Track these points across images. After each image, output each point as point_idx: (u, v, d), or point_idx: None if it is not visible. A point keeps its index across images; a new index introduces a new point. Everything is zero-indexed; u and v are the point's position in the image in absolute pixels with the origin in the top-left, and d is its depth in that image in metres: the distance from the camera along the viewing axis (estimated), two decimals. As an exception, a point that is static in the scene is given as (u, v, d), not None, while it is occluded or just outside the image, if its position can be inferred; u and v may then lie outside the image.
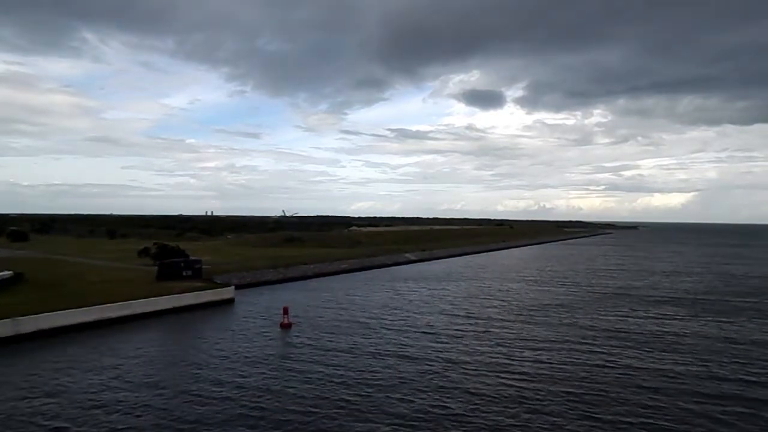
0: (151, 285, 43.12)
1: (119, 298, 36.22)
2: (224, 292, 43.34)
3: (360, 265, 72.96)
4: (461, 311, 39.99)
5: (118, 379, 23.25)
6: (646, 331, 33.65)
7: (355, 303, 43.37)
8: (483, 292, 50.24)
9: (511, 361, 26.28)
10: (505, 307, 42.41)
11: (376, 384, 22.62)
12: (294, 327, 34.39)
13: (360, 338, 31.01)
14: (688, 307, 43.11)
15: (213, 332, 33.24)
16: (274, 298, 45.63)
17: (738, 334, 33.13)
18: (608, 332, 33.27)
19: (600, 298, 47.59)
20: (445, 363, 25.84)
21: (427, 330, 33.45)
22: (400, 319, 36.89)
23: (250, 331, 33.16)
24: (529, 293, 50.25)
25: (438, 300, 45.51)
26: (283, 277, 58.93)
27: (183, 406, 19.97)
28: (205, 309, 40.43)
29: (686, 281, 61.15)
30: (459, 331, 33.42)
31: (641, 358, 27.14)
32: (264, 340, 30.68)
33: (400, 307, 41.43)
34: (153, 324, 35.22)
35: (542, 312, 40.11)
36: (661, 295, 49.96)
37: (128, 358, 26.52)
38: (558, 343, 30.33)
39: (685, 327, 35.16)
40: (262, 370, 24.61)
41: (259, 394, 21.27)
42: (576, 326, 35.06)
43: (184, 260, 48.00)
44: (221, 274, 53.13)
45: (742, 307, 43.00)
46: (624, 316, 38.75)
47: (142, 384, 22.60)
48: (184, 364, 25.57)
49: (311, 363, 25.86)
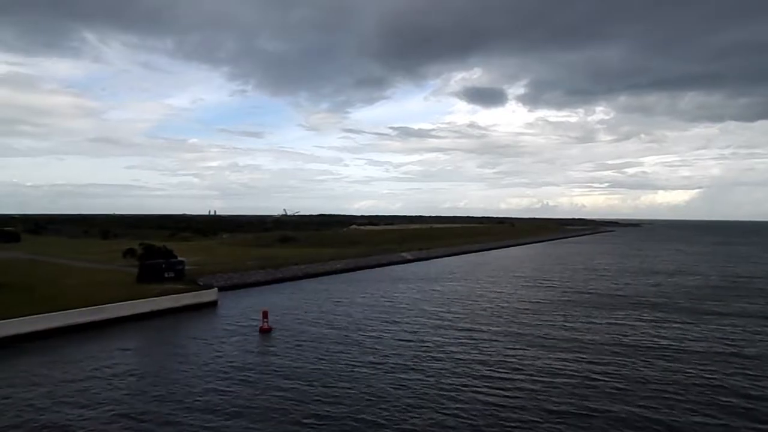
0: (131, 287, 41.59)
1: (95, 302, 34.62)
2: (206, 294, 41.72)
3: (354, 265, 71.29)
4: (445, 317, 37.77)
5: (49, 397, 20.88)
6: (633, 340, 31.89)
7: (340, 306, 41.62)
8: (471, 295, 48.10)
9: (494, 373, 24.58)
10: (491, 311, 40.61)
11: (345, 399, 20.96)
12: (274, 331, 32.82)
13: (338, 346, 29.06)
14: (679, 311, 41.32)
15: (187, 339, 31.57)
16: (259, 301, 44.00)
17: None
18: (588, 339, 31.54)
19: (586, 301, 45.85)
20: (420, 374, 23.96)
21: (405, 338, 31.31)
22: (382, 324, 35.13)
23: (227, 337, 31.50)
24: (518, 296, 48.38)
25: (424, 302, 43.61)
26: (273, 278, 57.30)
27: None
28: (185, 312, 38.79)
29: (683, 282, 59.33)
30: (440, 339, 31.52)
31: (609, 364, 25.43)
32: (240, 348, 28.96)
33: (383, 311, 39.57)
34: (126, 329, 33.50)
35: (529, 317, 38.31)
36: (652, 298, 48.16)
37: (81, 372, 24.45)
38: (543, 350, 28.60)
39: (682, 334, 33.40)
40: (232, 385, 22.84)
41: (225, 417, 19.55)
42: (563, 332, 33.35)
43: (166, 261, 46.40)
44: (207, 276, 51.57)
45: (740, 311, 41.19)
46: (609, 322, 36.99)
47: (79, 404, 20.29)
48: (143, 379, 23.60)
49: (280, 376, 24.18)
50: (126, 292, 39.26)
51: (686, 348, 28.83)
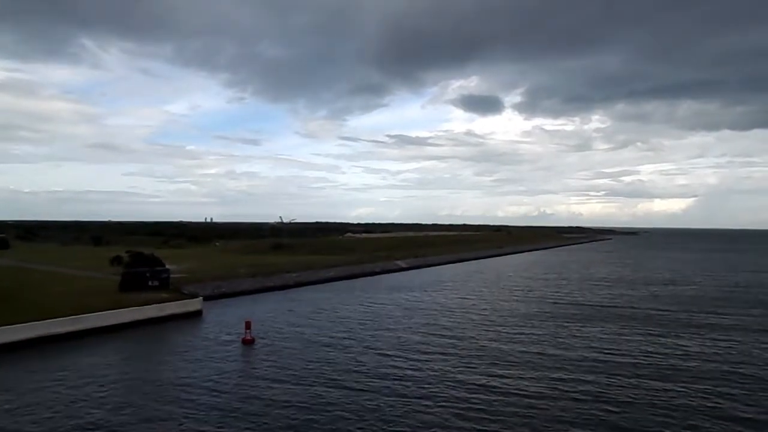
0: (113, 296, 40.47)
1: (74, 311, 33.53)
2: (190, 303, 40.64)
3: (347, 273, 70.25)
4: (431, 329, 36.29)
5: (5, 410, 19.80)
6: (624, 357, 30.90)
7: (327, 316, 40.37)
8: (461, 306, 46.75)
9: (476, 395, 23.53)
10: (479, 324, 39.48)
11: (316, 420, 19.91)
12: (256, 342, 31.77)
13: (315, 363, 27.31)
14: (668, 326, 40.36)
15: (163, 351, 30.56)
16: (246, 310, 42.87)
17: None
18: (577, 356, 30.55)
19: (577, 314, 44.90)
20: (394, 397, 22.32)
21: (388, 354, 29.58)
22: (369, 336, 33.98)
23: (208, 349, 30.39)
24: (508, 308, 47.22)
25: (413, 313, 42.46)
26: (262, 287, 56.24)
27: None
28: (167, 322, 37.69)
29: (679, 292, 58.44)
30: (421, 356, 30.33)
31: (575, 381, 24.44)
32: (220, 360, 27.83)
33: (371, 323, 38.13)
34: (102, 340, 32.28)
35: (517, 331, 37.28)
36: (647, 310, 47.24)
37: (47, 383, 23.42)
38: (528, 369, 27.57)
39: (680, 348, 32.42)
40: (208, 398, 21.84)
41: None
42: (552, 349, 32.35)
43: (150, 270, 45.31)
44: (194, 284, 50.49)
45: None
46: (600, 337, 36.00)
47: (39, 416, 19.24)
48: (108, 392, 22.54)
49: (256, 395, 23.13)
50: (107, 301, 38.13)
51: (685, 366, 27.85)
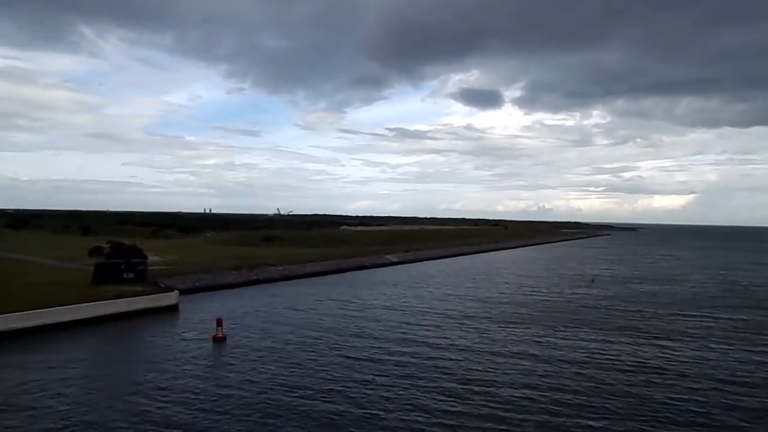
0: (85, 289, 38.89)
1: (35, 305, 31.89)
2: (166, 297, 39.02)
3: (336, 267, 68.66)
4: (409, 329, 34.64)
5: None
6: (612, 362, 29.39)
7: (305, 314, 38.48)
8: (445, 303, 45.63)
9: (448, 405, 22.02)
10: (462, 324, 38.03)
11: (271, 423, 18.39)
12: (228, 339, 30.24)
13: (282, 364, 25.95)
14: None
15: (127, 349, 29.00)
16: (225, 305, 41.39)
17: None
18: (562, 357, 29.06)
19: (568, 316, 43.41)
20: (354, 407, 20.88)
21: (363, 357, 28.59)
22: (341, 339, 32.31)
23: (174, 347, 28.81)
24: (498, 308, 45.89)
25: (394, 312, 40.89)
26: (246, 280, 54.63)
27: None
28: (139, 317, 36.06)
29: (675, 290, 56.98)
30: (399, 357, 29.00)
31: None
32: (183, 360, 26.18)
33: (348, 323, 35.99)
34: (66, 336, 30.61)
35: (502, 334, 35.88)
36: (643, 310, 45.76)
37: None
38: (510, 376, 26.10)
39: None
40: (159, 406, 20.32)
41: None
42: (536, 351, 30.84)
43: (125, 261, 43.67)
44: (174, 276, 48.87)
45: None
46: (591, 341, 34.50)
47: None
48: (55, 395, 21.07)
49: (212, 400, 21.61)
50: (77, 293, 36.54)
51: (681, 370, 26.36)
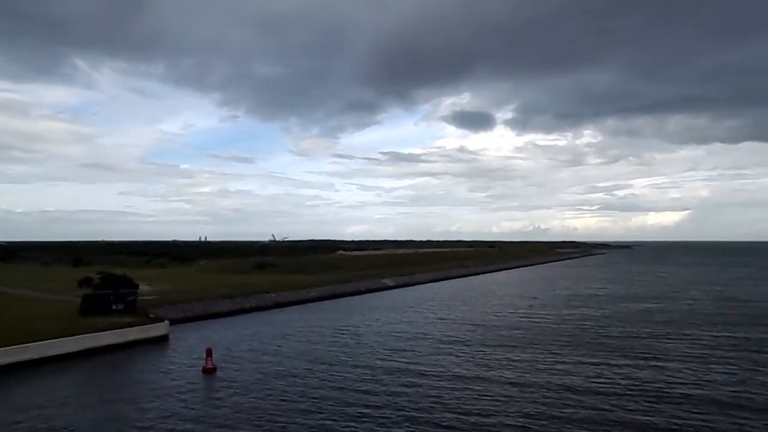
0: (72, 321, 37.94)
1: (17, 339, 30.95)
2: (155, 328, 38.10)
3: (330, 293, 67.77)
4: (401, 358, 33.81)
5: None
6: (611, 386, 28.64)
7: (296, 342, 37.50)
8: (438, 328, 44.81)
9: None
10: (457, 350, 37.28)
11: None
12: (218, 371, 29.34)
13: (277, 396, 25.22)
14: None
15: (114, 381, 27.95)
16: (216, 333, 40.54)
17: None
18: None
19: (563, 340, 42.70)
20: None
21: (353, 387, 27.91)
22: (341, 364, 31.64)
23: (160, 381, 27.80)
24: (491, 332, 44.98)
25: (387, 338, 39.91)
26: (240, 308, 53.73)
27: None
28: (127, 349, 35.10)
29: (673, 308, 56.37)
30: (387, 387, 28.26)
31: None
32: (170, 393, 25.25)
33: (340, 349, 35.07)
34: (49, 371, 29.51)
35: (494, 361, 35.11)
36: (640, 333, 45.12)
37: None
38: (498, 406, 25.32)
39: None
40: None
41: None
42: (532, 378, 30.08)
43: (114, 292, 42.80)
44: (165, 306, 47.96)
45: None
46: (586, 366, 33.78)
47: None
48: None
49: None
50: (64, 326, 35.59)
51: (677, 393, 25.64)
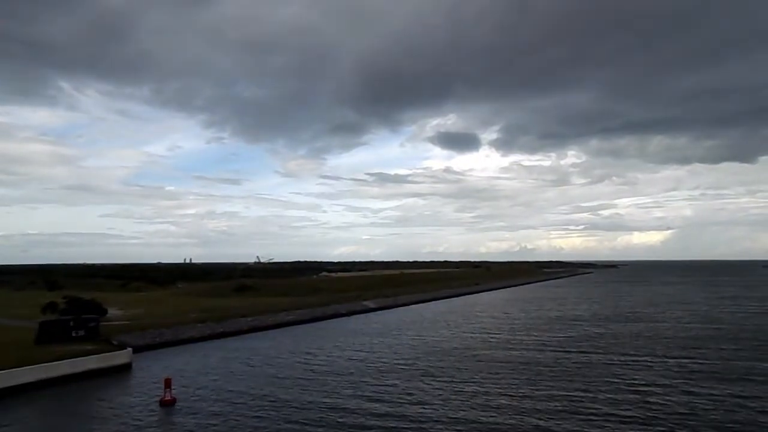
0: (28, 350, 35.87)
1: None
2: (117, 356, 36.13)
3: (309, 316, 65.88)
4: (375, 389, 32.68)
5: None
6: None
7: (262, 369, 36.00)
8: (418, 355, 43.49)
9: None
10: (437, 380, 35.89)
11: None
12: (178, 403, 27.55)
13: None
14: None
15: (66, 417, 26.12)
16: (182, 361, 38.68)
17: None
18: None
19: (546, 366, 41.50)
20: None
21: (311, 417, 26.64)
22: (308, 393, 30.05)
23: (119, 412, 26.08)
24: (472, 358, 43.84)
25: (363, 366, 38.54)
26: (212, 333, 51.70)
27: None
28: (88, 379, 33.11)
29: (657, 331, 55.48)
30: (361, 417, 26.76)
31: None
32: (130, 427, 23.60)
33: (309, 377, 33.60)
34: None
35: (470, 393, 33.75)
36: (628, 355, 44.02)
37: None
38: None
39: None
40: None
41: None
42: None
43: (74, 318, 40.82)
44: (133, 332, 45.95)
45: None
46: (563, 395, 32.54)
47: None
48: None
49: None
50: (16, 357, 33.49)
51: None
